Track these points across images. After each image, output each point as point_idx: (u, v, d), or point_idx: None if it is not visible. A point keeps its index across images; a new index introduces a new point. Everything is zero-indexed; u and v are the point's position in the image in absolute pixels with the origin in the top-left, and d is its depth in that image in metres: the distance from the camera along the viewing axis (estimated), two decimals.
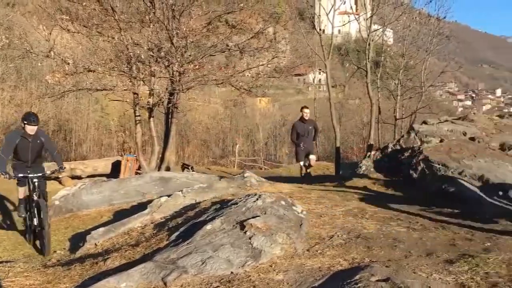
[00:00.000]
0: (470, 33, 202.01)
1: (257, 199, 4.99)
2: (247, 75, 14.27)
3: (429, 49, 20.73)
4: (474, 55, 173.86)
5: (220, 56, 16.11)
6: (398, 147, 8.53)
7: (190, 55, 11.96)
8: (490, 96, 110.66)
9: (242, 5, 13.25)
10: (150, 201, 6.49)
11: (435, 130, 8.84)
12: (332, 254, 3.99)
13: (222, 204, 5.32)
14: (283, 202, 5.08)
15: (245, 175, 7.17)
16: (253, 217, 4.42)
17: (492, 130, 9.00)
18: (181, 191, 6.45)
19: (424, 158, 7.16)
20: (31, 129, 6.15)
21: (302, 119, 9.46)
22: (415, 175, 7.08)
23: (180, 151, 33.37)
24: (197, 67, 12.40)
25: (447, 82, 70.66)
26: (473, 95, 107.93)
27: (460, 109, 62.28)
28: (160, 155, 13.16)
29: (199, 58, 12.57)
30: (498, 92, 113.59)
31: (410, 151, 7.87)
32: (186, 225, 4.92)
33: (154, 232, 5.30)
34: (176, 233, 4.70)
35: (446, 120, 9.68)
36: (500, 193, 5.92)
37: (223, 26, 16.08)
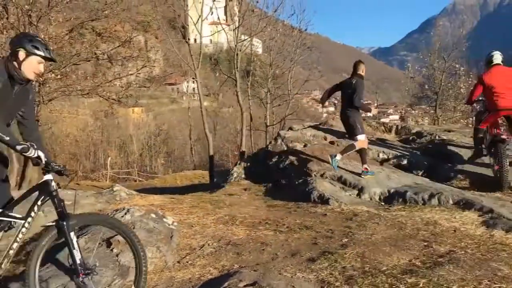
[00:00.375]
0: (330, 44, 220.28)
1: (125, 214, 4.82)
2: (117, 85, 13.74)
3: (294, 59, 22.11)
4: (335, 65, 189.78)
5: (89, 65, 15.25)
6: (266, 153, 8.90)
7: (50, 64, 11.13)
8: None
9: (107, 12, 12.74)
10: None
11: (299, 136, 9.42)
12: (203, 263, 4.02)
13: None
14: (153, 215, 4.97)
15: (115, 189, 6.86)
16: None
17: (347, 134, 9.83)
18: (43, 210, 5.93)
19: (290, 162, 7.58)
20: None
21: None
22: (282, 180, 7.44)
23: None
24: (59, 76, 11.60)
25: (313, 90, 75.68)
26: (336, 102, 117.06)
27: (325, 115, 67.10)
28: (21, 173, 12.01)
29: (62, 67, 11.78)
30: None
31: (277, 156, 8.27)
32: None
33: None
34: None
35: (309, 126, 10.37)
36: (356, 191, 6.52)
37: (90, 34, 15.31)
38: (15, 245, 3.25)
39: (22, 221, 3.29)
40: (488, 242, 4.22)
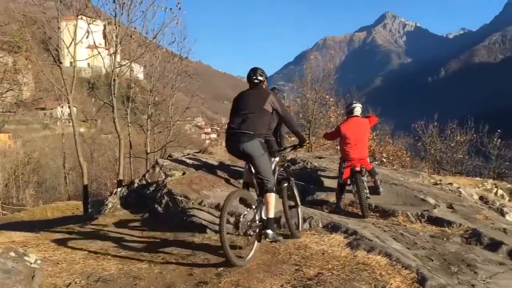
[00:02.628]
0: (212, 72, 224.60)
1: None
2: None
3: (175, 85, 22.06)
4: (217, 92, 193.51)
5: None
6: (144, 182, 8.63)
7: None
8: None
9: None
10: None
11: (178, 164, 9.33)
12: None
13: None
14: (12, 253, 4.50)
15: None
16: None
17: (228, 161, 9.99)
18: None
19: (168, 191, 7.43)
20: None
21: None
22: (160, 209, 7.26)
23: None
24: None
25: (195, 117, 76.05)
26: (218, 129, 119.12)
27: (207, 142, 67.57)
28: None
29: None
30: None
31: (155, 185, 8.06)
32: None
33: None
34: None
35: (189, 154, 10.34)
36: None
37: None
38: None
39: None
40: (352, 262, 4.55)
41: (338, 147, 10.86)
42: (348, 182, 7.45)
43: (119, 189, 8.65)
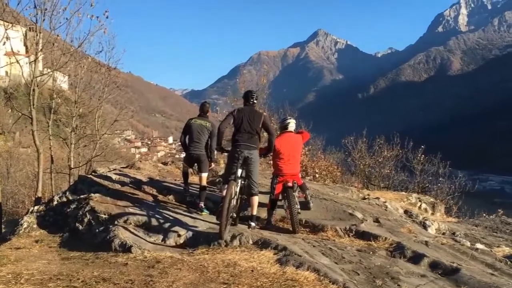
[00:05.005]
0: (143, 84, 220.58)
1: None
2: None
3: (102, 97, 21.30)
4: (148, 105, 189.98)
5: None
6: (64, 199, 8.22)
7: None
8: (163, 143, 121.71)
9: None
10: None
11: (103, 179, 8.98)
12: None
13: None
14: None
15: None
16: None
17: (157, 177, 9.79)
18: None
19: (91, 209, 7.14)
20: None
21: None
22: (81, 228, 6.94)
23: None
24: None
25: (125, 130, 73.93)
26: (149, 142, 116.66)
27: (137, 156, 65.86)
28: None
29: None
30: (170, 139, 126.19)
31: (76, 202, 7.71)
32: None
33: None
34: None
35: (115, 169, 10.01)
36: (161, 236, 6.44)
37: None
38: None
39: None
40: (280, 279, 4.59)
41: (271, 162, 10.98)
42: (280, 197, 7.55)
43: (36, 207, 8.17)
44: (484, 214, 16.30)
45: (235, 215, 6.68)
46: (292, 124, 7.87)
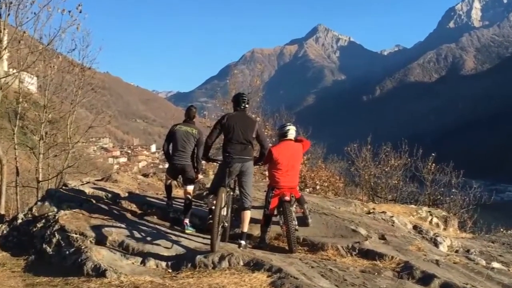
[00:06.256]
0: (123, 85, 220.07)
1: None
2: None
3: (75, 100, 21.08)
4: (127, 109, 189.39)
5: None
6: (30, 217, 8.12)
7: None
8: (145, 152, 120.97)
9: None
10: None
11: (75, 194, 8.90)
12: None
13: None
14: None
15: None
16: None
17: (136, 190, 9.73)
18: None
19: (60, 228, 7.06)
20: None
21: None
22: (49, 250, 6.85)
23: None
24: None
25: (101, 137, 73.50)
26: (129, 151, 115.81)
27: (116, 167, 65.51)
28: None
29: None
30: (153, 148, 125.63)
31: (44, 220, 7.62)
32: None
33: None
34: None
35: (89, 182, 9.94)
36: (140, 258, 6.37)
37: None
38: None
39: None
40: None
41: (266, 173, 10.95)
42: (275, 212, 7.49)
43: None
44: (502, 229, 16.30)
45: (226, 224, 6.70)
46: (292, 132, 7.78)
